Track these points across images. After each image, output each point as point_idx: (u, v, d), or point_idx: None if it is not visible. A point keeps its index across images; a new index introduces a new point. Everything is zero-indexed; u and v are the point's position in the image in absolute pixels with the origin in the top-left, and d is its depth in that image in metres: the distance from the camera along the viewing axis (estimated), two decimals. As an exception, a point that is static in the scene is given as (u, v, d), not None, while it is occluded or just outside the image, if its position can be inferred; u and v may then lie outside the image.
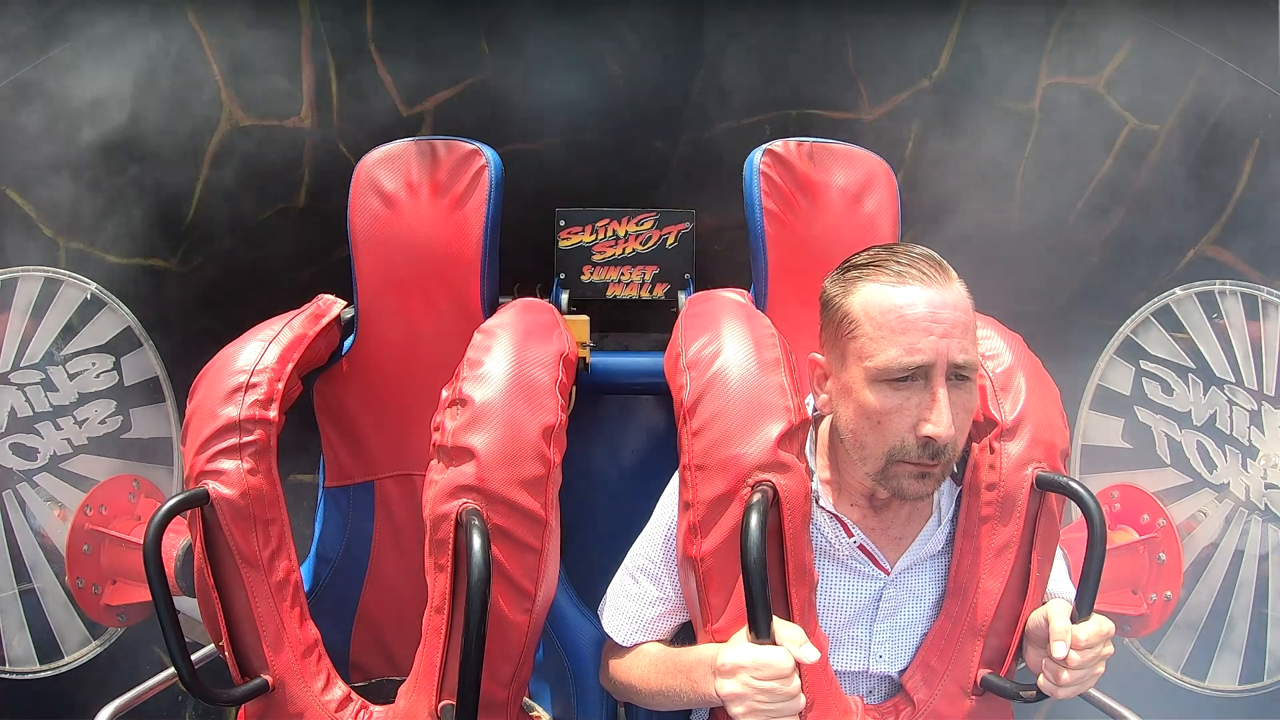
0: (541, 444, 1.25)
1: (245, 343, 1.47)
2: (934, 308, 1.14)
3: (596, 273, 2.13)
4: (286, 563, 1.36)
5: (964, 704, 1.28)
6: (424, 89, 2.15)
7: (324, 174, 2.12)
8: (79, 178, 2.08)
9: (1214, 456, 2.09)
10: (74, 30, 2.07)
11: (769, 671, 1.10)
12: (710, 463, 1.23)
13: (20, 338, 2.07)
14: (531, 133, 2.14)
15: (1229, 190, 2.14)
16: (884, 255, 1.20)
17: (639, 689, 1.35)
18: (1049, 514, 1.27)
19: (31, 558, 2.08)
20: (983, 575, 1.27)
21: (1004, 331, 1.41)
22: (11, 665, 2.07)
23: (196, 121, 2.12)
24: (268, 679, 1.32)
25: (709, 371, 1.28)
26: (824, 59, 2.15)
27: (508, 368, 1.29)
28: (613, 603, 1.41)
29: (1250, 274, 2.11)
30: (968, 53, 2.14)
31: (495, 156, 1.71)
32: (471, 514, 1.19)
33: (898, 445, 1.15)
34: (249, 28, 2.10)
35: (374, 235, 1.69)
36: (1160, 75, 2.12)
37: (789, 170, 1.71)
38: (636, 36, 2.15)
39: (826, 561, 1.30)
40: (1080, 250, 2.18)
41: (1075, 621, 1.15)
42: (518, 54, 2.14)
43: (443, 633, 1.23)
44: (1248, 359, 2.08)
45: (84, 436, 2.12)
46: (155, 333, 2.17)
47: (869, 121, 2.16)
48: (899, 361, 1.13)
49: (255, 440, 1.35)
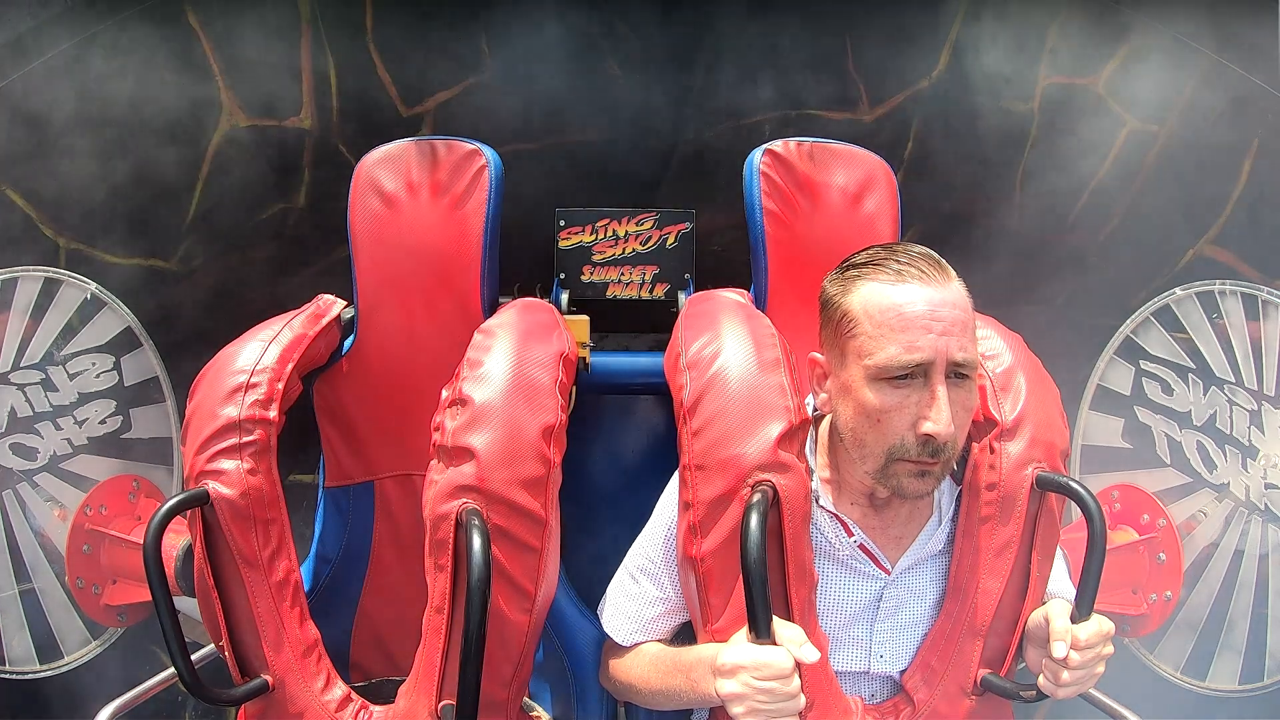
0: (541, 444, 1.25)
1: (245, 343, 1.47)
2: (933, 306, 1.14)
3: (596, 273, 2.13)
4: (286, 563, 1.36)
5: (964, 704, 1.28)
6: (424, 89, 2.15)
7: (324, 174, 2.12)
8: (79, 178, 2.08)
9: (1214, 456, 2.09)
10: (74, 30, 2.06)
11: (769, 671, 1.10)
12: (710, 463, 1.23)
13: (20, 338, 2.07)
14: (531, 133, 2.14)
15: (1229, 190, 2.14)
16: (883, 254, 1.20)
17: (639, 689, 1.35)
18: (1049, 514, 1.27)
19: (31, 558, 2.08)
20: (983, 575, 1.27)
21: (1004, 331, 1.41)
22: (11, 665, 2.07)
23: (196, 121, 2.12)
24: (268, 679, 1.32)
25: (709, 371, 1.28)
26: (824, 59, 2.15)
27: (508, 368, 1.29)
28: (612, 602, 1.41)
29: (1250, 274, 2.11)
30: (968, 53, 2.14)
31: (495, 156, 1.71)
32: (471, 514, 1.19)
33: (897, 443, 1.15)
34: (249, 28, 2.10)
35: (374, 235, 1.69)
36: (1160, 75, 2.12)
37: (789, 170, 1.71)
38: (636, 36, 2.15)
39: (827, 561, 1.30)
40: (1080, 250, 2.18)
41: (1075, 621, 1.15)
42: (518, 54, 2.14)
43: (443, 633, 1.23)
44: (1248, 359, 2.08)
45: (84, 436, 2.12)
46: (155, 333, 2.17)
47: (869, 121, 2.16)
48: (898, 359, 1.13)
49: (255, 440, 1.35)
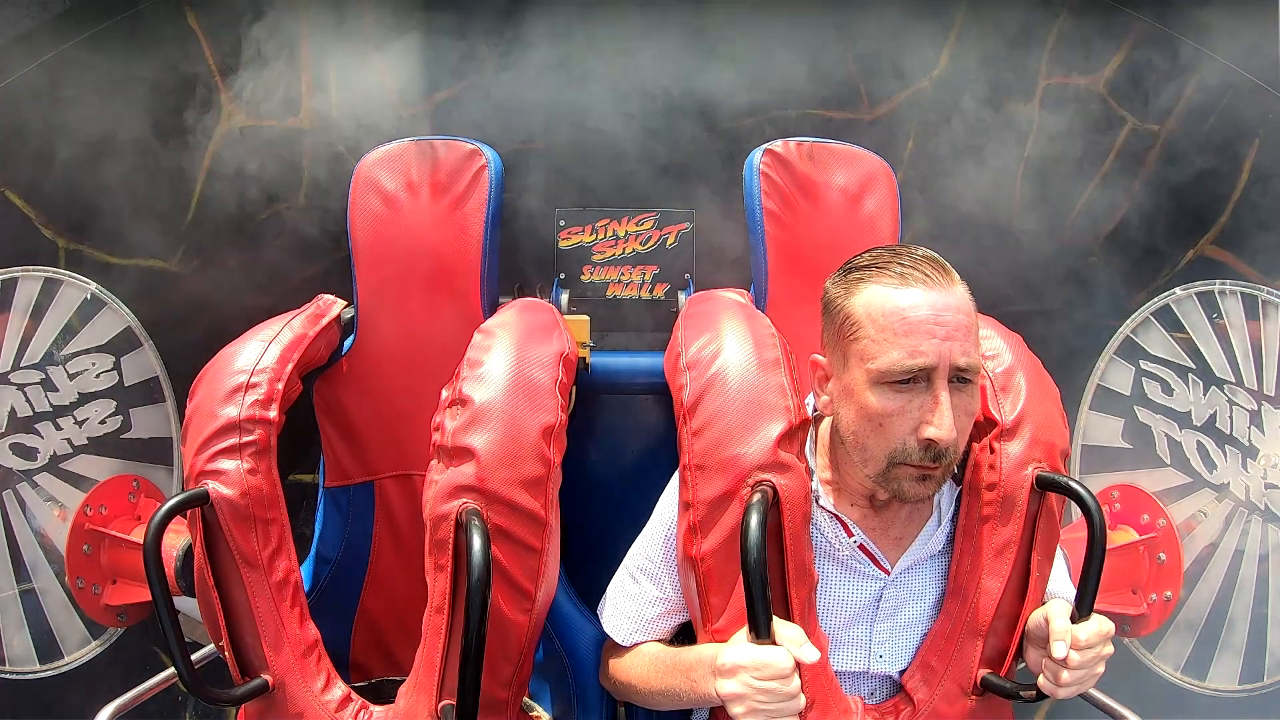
0: (541, 444, 1.25)
1: (245, 343, 1.47)
2: (937, 310, 1.14)
3: (596, 273, 2.13)
4: (286, 563, 1.36)
5: (964, 704, 1.28)
6: (424, 89, 2.15)
7: (324, 174, 2.12)
8: (79, 178, 2.08)
9: (1214, 456, 2.09)
10: (73, 31, 2.06)
11: (769, 671, 1.10)
12: (710, 463, 1.23)
13: (20, 338, 2.07)
14: (531, 133, 2.14)
15: (1229, 190, 2.14)
16: (886, 257, 1.19)
17: (639, 688, 1.35)
18: (1049, 514, 1.27)
19: (31, 558, 2.08)
20: (983, 575, 1.27)
21: (1004, 331, 1.41)
22: (11, 665, 2.07)
23: (196, 122, 2.12)
24: (268, 679, 1.32)
25: (709, 371, 1.28)
26: (824, 59, 2.15)
27: (508, 368, 1.29)
28: (612, 602, 1.41)
29: (1250, 274, 2.11)
30: (968, 53, 2.14)
31: (495, 156, 1.71)
32: (471, 514, 1.19)
33: (899, 447, 1.15)
34: (249, 28, 2.09)
35: (374, 235, 1.69)
36: (1160, 75, 2.12)
37: (789, 170, 1.71)
38: (637, 36, 2.15)
39: (827, 561, 1.30)
40: (1080, 250, 2.18)
41: (1075, 621, 1.15)
42: (518, 54, 2.14)
43: (443, 633, 1.23)
44: (1248, 359, 2.08)
45: (84, 436, 2.12)
46: (155, 333, 2.17)
47: (869, 121, 2.16)
48: (901, 364, 1.13)
49: (255, 440, 1.35)
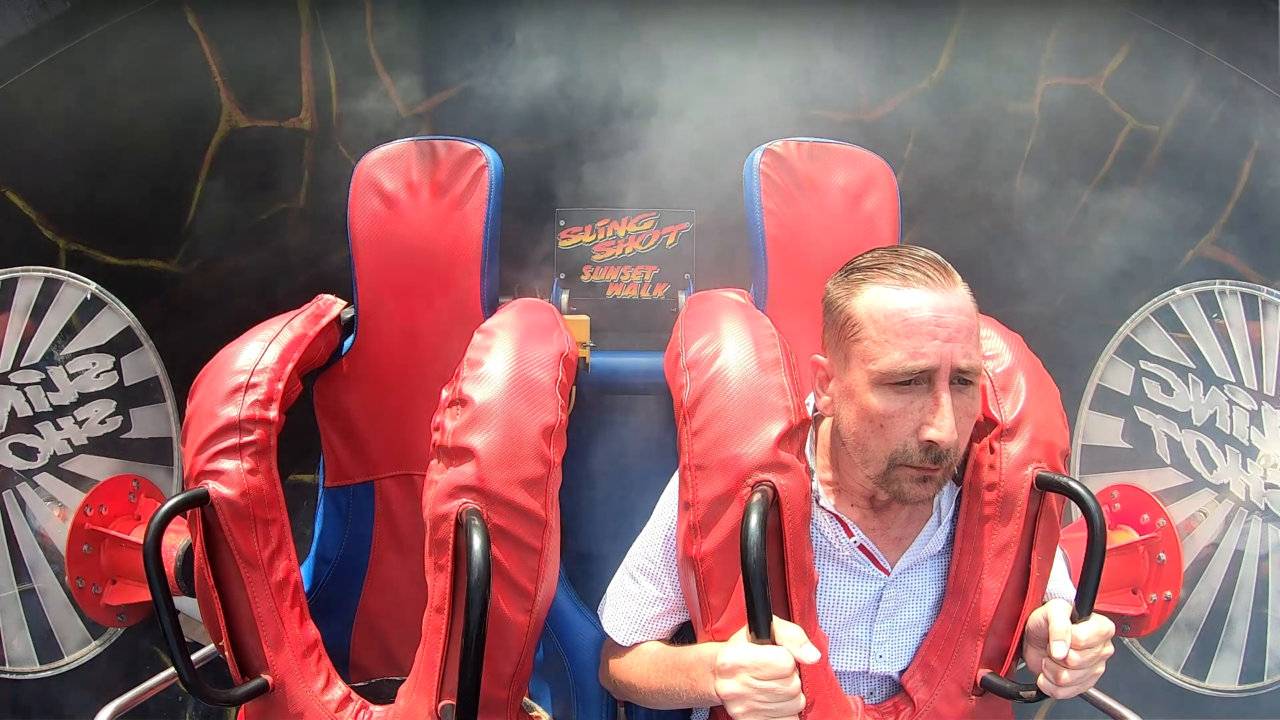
0: (541, 444, 1.25)
1: (245, 343, 1.47)
2: (938, 311, 1.13)
3: (596, 273, 2.13)
4: (286, 563, 1.36)
5: (964, 704, 1.28)
6: (424, 89, 2.15)
7: (324, 174, 2.12)
8: (79, 178, 2.08)
9: (1214, 456, 2.08)
10: (74, 32, 2.06)
11: (769, 671, 1.10)
12: (710, 463, 1.23)
13: (20, 338, 2.07)
14: (531, 133, 2.14)
15: (1228, 190, 2.14)
16: (888, 258, 1.19)
17: (638, 688, 1.35)
18: (1049, 514, 1.27)
19: (31, 558, 2.08)
20: (983, 575, 1.27)
21: (1004, 331, 1.41)
22: (11, 665, 2.07)
23: (196, 122, 2.12)
24: (268, 679, 1.32)
25: (709, 371, 1.28)
26: (824, 59, 2.15)
27: (508, 368, 1.29)
28: (612, 602, 1.41)
29: (1250, 274, 2.11)
30: (968, 53, 2.14)
31: (495, 156, 1.71)
32: (471, 514, 1.19)
33: (900, 449, 1.15)
34: (249, 28, 2.09)
35: (374, 235, 1.69)
36: (1160, 75, 2.12)
37: (789, 170, 1.71)
38: (636, 36, 2.15)
39: (827, 561, 1.30)
40: (1080, 250, 2.18)
41: (1075, 621, 1.15)
42: (517, 54, 2.14)
43: (443, 633, 1.23)
44: (1248, 359, 2.07)
45: (84, 436, 2.12)
46: (155, 333, 2.17)
47: (869, 121, 2.16)
48: (903, 365, 1.13)
49: (255, 440, 1.35)
